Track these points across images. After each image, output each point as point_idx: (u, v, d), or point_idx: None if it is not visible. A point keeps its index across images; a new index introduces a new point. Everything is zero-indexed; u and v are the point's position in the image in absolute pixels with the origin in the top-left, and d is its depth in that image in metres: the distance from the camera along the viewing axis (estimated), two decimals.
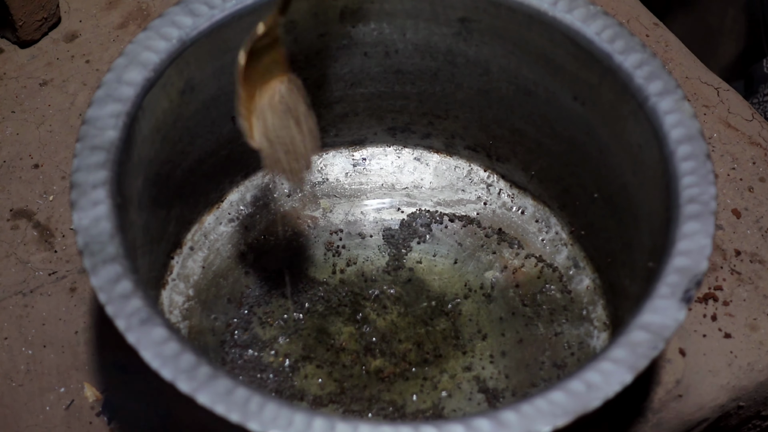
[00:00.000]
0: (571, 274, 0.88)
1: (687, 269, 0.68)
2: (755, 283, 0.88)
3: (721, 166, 0.95)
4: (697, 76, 1.01)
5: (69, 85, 0.98)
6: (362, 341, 0.84)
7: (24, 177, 0.92)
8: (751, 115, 0.99)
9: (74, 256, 0.88)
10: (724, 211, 0.92)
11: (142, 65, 0.75)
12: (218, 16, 0.78)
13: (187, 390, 0.62)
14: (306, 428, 0.61)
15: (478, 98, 0.88)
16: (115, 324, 0.64)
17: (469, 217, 0.91)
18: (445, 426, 0.62)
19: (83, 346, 0.83)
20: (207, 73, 0.80)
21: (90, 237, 0.67)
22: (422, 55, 0.86)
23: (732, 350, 0.85)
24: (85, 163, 0.70)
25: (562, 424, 0.62)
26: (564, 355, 0.83)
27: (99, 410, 0.81)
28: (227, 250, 0.88)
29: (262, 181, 0.91)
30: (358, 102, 0.90)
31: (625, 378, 0.64)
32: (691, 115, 0.74)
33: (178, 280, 0.85)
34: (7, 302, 0.85)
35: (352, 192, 0.93)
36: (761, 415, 0.88)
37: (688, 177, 0.72)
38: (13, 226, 0.89)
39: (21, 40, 1.00)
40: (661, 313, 0.67)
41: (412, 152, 0.94)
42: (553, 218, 0.90)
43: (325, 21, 0.83)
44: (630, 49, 0.77)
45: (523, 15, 0.80)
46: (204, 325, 0.84)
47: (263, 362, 0.83)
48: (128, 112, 0.73)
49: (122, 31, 1.03)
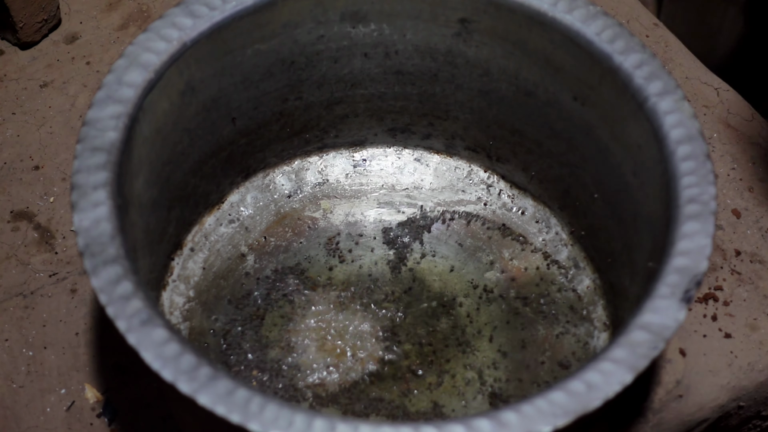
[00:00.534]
0: (572, 275, 0.88)
1: (687, 269, 0.68)
2: (755, 283, 0.88)
3: (721, 166, 0.95)
4: (697, 76, 1.02)
5: (69, 86, 0.99)
6: (362, 342, 0.84)
7: (24, 179, 0.92)
8: (750, 116, 0.99)
9: (75, 258, 0.88)
10: (724, 211, 0.92)
11: (142, 67, 0.75)
12: (218, 17, 0.78)
13: (187, 391, 0.62)
14: (306, 429, 0.61)
15: (478, 99, 0.88)
16: (116, 325, 0.64)
17: (470, 217, 0.91)
18: (445, 426, 0.62)
19: (84, 348, 0.83)
20: (207, 74, 0.80)
21: (91, 238, 0.67)
22: (422, 56, 0.86)
23: (732, 350, 0.85)
24: (86, 165, 0.70)
25: (563, 424, 0.62)
26: (564, 355, 0.84)
27: (100, 411, 0.81)
28: (227, 251, 0.88)
29: (262, 183, 0.91)
30: (358, 103, 0.90)
31: (625, 378, 0.64)
32: (691, 115, 0.74)
33: (179, 282, 0.85)
34: (8, 304, 0.85)
35: (352, 193, 0.93)
36: (761, 415, 0.88)
37: (688, 177, 0.72)
38: (14, 228, 0.89)
39: (21, 42, 1.00)
40: (661, 313, 0.67)
41: (412, 153, 0.94)
42: (553, 219, 0.90)
43: (325, 22, 0.84)
44: (630, 49, 0.77)
45: (523, 16, 0.80)
46: (205, 326, 0.84)
47: (264, 363, 0.83)
48: (129, 113, 0.73)
49: (122, 32, 1.03)
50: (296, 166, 0.92)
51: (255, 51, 0.82)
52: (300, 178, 0.92)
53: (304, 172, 0.93)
